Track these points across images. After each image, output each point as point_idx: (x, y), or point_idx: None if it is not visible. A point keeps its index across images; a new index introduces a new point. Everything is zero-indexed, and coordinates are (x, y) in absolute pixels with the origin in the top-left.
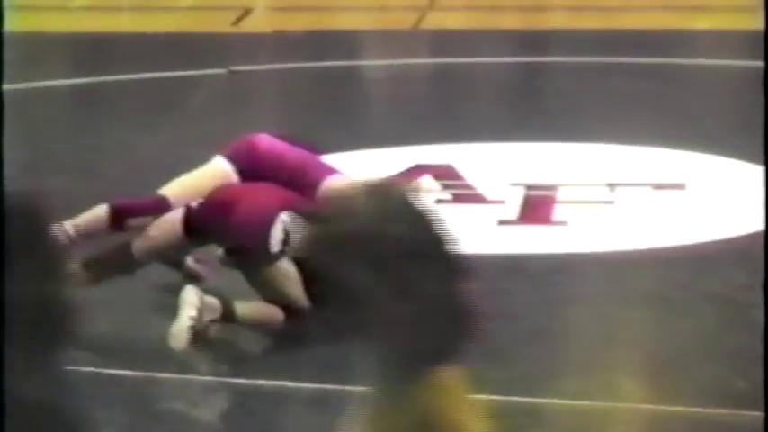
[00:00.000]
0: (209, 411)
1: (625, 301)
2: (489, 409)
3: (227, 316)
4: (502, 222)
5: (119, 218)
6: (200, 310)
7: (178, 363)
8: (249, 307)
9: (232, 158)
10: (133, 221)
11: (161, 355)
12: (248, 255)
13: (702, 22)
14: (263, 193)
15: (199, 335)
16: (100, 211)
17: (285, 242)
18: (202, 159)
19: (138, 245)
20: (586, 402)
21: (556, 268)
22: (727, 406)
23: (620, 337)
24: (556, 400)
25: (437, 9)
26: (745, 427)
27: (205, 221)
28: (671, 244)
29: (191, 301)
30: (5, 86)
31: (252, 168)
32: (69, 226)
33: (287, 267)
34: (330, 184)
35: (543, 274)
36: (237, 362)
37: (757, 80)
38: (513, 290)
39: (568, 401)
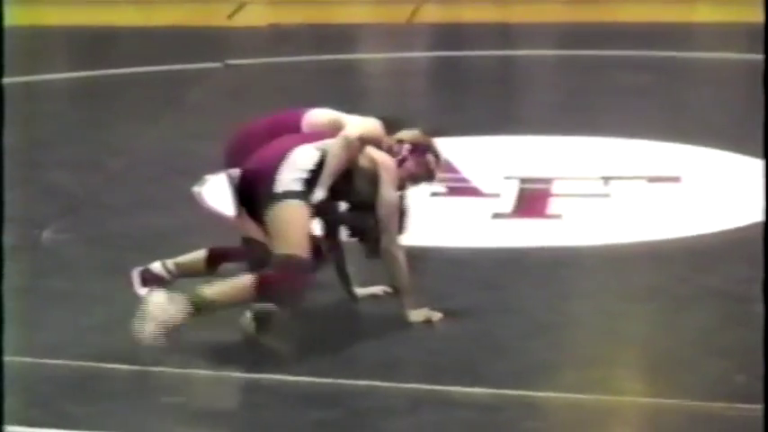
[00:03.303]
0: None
1: (621, 294)
2: (488, 403)
3: (199, 308)
4: (496, 215)
5: (214, 261)
6: (166, 313)
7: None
8: (216, 290)
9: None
10: (228, 265)
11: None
12: (259, 195)
13: (700, 15)
14: (281, 139)
15: (170, 333)
16: (200, 254)
17: (314, 174)
18: (199, 153)
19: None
20: (585, 396)
21: (551, 261)
22: (726, 400)
23: (618, 330)
24: (554, 394)
25: (432, 2)
26: (743, 421)
27: (242, 184)
28: (666, 237)
29: (155, 304)
30: (5, 80)
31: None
32: (172, 264)
33: (297, 209)
34: (312, 117)
35: (538, 267)
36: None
37: (754, 73)
38: (509, 283)
39: (567, 395)
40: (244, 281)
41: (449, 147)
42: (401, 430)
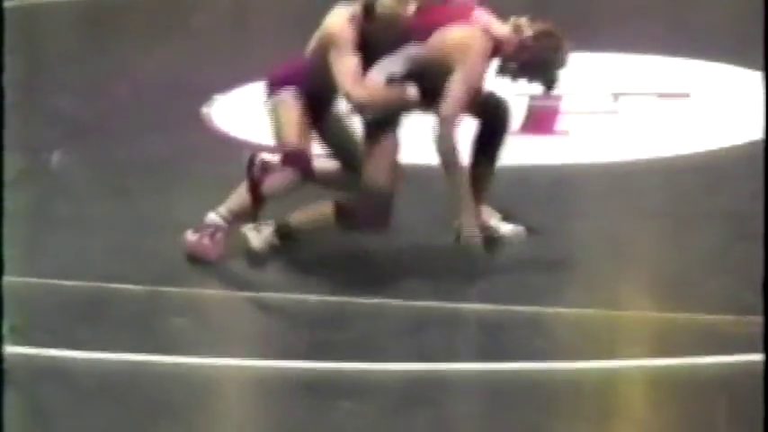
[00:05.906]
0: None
1: (630, 211)
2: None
3: (283, 232)
4: None
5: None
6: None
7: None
8: (300, 218)
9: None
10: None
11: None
12: None
13: None
14: None
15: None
16: (241, 190)
17: None
18: (205, 77)
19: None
20: (592, 311)
21: (559, 179)
22: (733, 313)
23: (626, 248)
24: (562, 310)
25: None
26: (750, 334)
27: None
28: (676, 153)
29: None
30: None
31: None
32: (225, 211)
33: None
34: None
35: (546, 184)
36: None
37: None
38: (516, 201)
39: (575, 310)
40: (325, 207)
41: None
42: (407, 349)
